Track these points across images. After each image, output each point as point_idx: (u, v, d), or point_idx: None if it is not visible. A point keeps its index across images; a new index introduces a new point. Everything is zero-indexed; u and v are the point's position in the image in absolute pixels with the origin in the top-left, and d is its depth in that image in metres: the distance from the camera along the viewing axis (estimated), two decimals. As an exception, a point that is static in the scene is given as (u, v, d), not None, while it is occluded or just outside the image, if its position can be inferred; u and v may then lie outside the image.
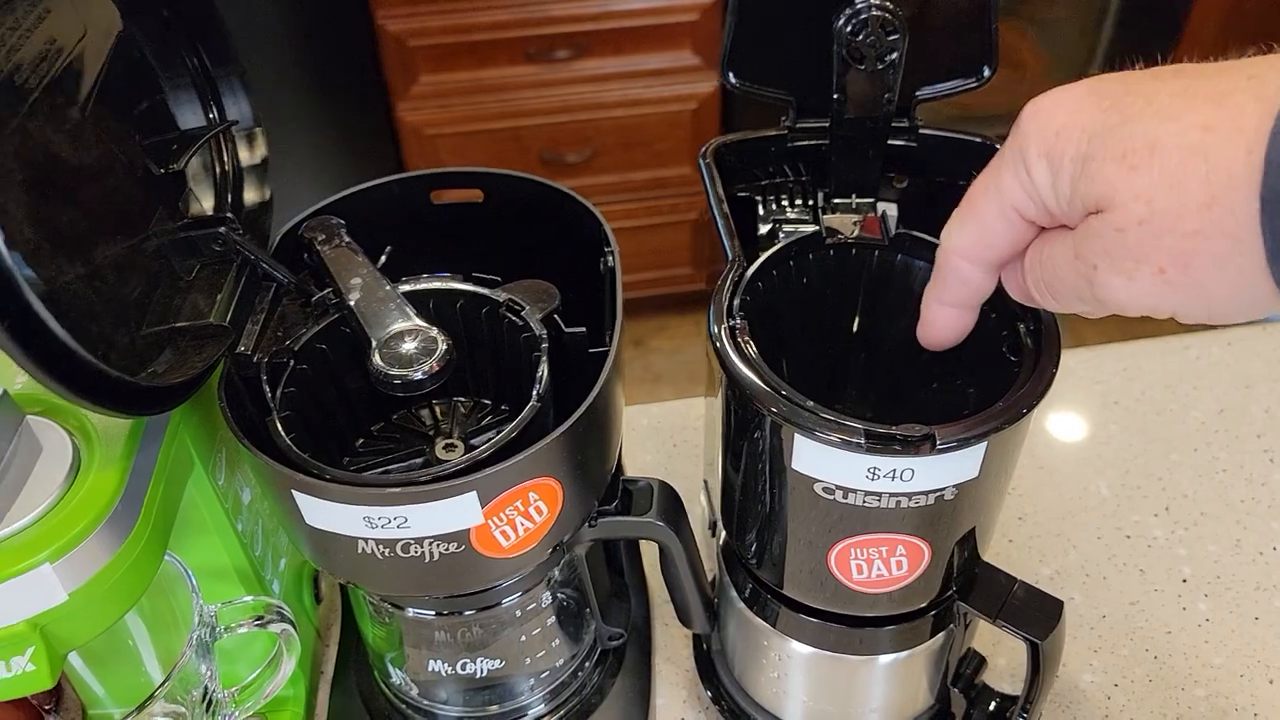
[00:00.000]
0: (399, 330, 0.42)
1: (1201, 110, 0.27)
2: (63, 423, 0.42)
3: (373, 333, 0.42)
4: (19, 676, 0.39)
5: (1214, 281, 0.28)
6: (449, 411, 0.52)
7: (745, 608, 0.51)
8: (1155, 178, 0.28)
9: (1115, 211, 0.29)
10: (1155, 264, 0.28)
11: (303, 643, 0.54)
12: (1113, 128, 0.29)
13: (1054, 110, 0.31)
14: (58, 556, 0.38)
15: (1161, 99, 0.28)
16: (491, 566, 0.43)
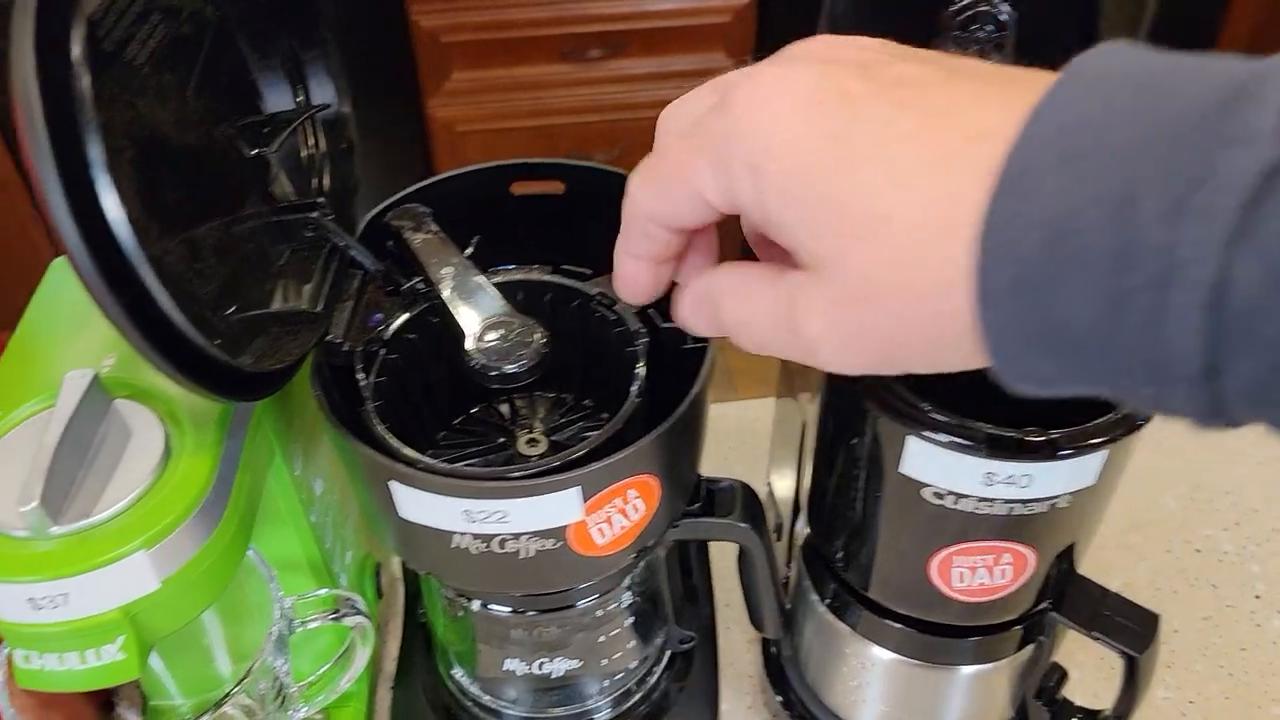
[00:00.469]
0: (495, 321, 0.41)
1: (931, 179, 0.24)
2: (151, 407, 0.41)
3: (467, 324, 0.41)
4: (108, 666, 0.38)
5: (932, 359, 0.26)
6: (530, 405, 0.51)
7: (826, 611, 0.50)
8: (882, 253, 0.25)
9: (836, 284, 0.26)
10: (876, 343, 0.26)
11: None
12: (836, 174, 0.25)
13: (770, 115, 0.26)
14: (152, 544, 0.37)
15: (890, 145, 0.25)
16: (584, 565, 0.42)
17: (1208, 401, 0.22)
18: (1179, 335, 0.21)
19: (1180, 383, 0.21)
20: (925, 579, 0.43)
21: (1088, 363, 0.23)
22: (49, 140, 0.29)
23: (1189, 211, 0.20)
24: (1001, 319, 0.23)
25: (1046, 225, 0.22)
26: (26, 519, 0.36)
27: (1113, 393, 0.24)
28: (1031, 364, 0.24)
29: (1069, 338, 0.22)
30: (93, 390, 0.39)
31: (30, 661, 0.38)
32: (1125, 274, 0.21)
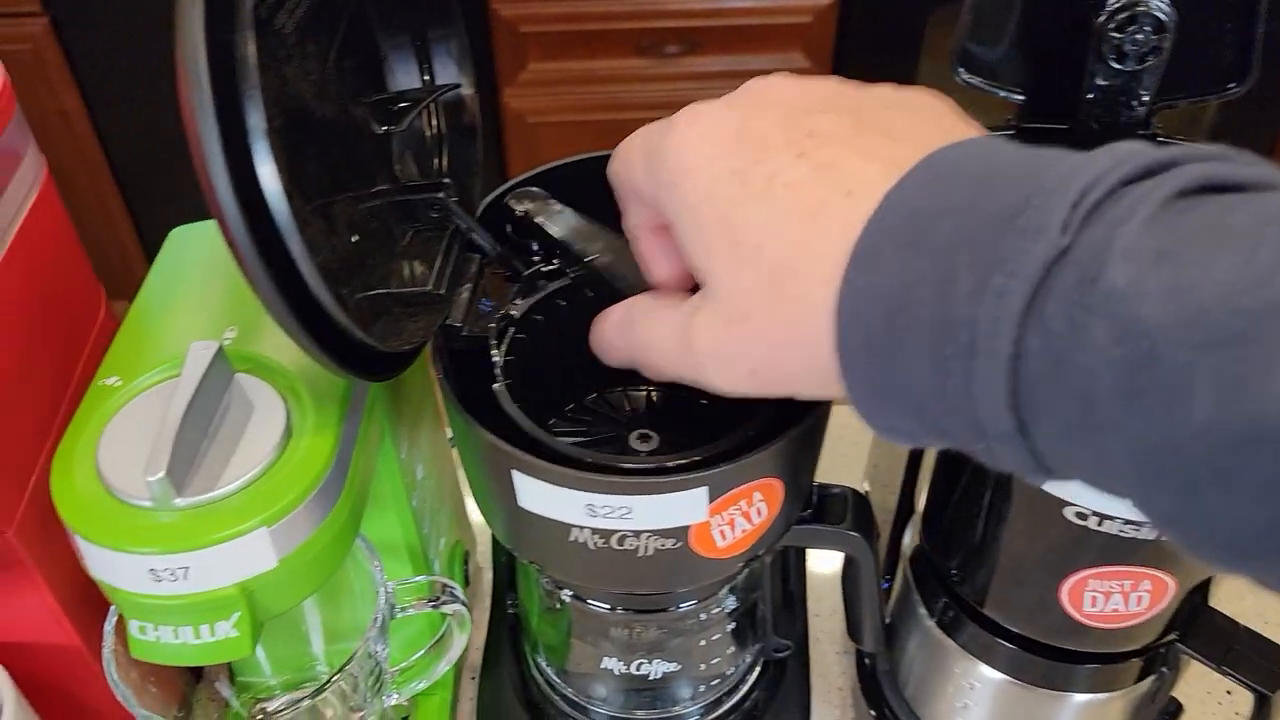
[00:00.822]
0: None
1: (801, 225, 0.28)
2: (273, 383, 0.41)
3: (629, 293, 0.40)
4: (221, 642, 0.38)
5: (800, 387, 0.30)
6: (643, 396, 0.50)
7: (935, 627, 0.49)
8: (757, 279, 0.29)
9: (722, 303, 0.30)
10: (750, 364, 0.30)
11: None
12: (732, 204, 0.29)
13: (696, 144, 0.31)
14: (273, 521, 0.37)
15: (777, 187, 0.28)
16: (701, 567, 0.41)
17: (1028, 457, 0.25)
18: (986, 397, 0.24)
19: (1000, 439, 0.24)
20: (1054, 602, 0.41)
21: (929, 418, 0.26)
22: (213, 106, 0.29)
23: (988, 290, 0.23)
24: (857, 374, 0.27)
25: (887, 298, 0.25)
26: (152, 490, 0.36)
27: (960, 448, 0.26)
28: (889, 417, 0.27)
29: (911, 397, 0.26)
30: (217, 362, 0.39)
31: (146, 633, 0.38)
32: (943, 343, 0.24)
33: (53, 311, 0.47)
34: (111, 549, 0.36)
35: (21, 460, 0.43)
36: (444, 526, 0.57)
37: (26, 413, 0.44)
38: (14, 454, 0.43)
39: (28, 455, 0.44)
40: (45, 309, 0.46)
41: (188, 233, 0.48)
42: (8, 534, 0.42)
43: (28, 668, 0.46)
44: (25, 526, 0.43)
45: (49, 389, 0.46)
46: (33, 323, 0.44)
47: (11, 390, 0.42)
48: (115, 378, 0.41)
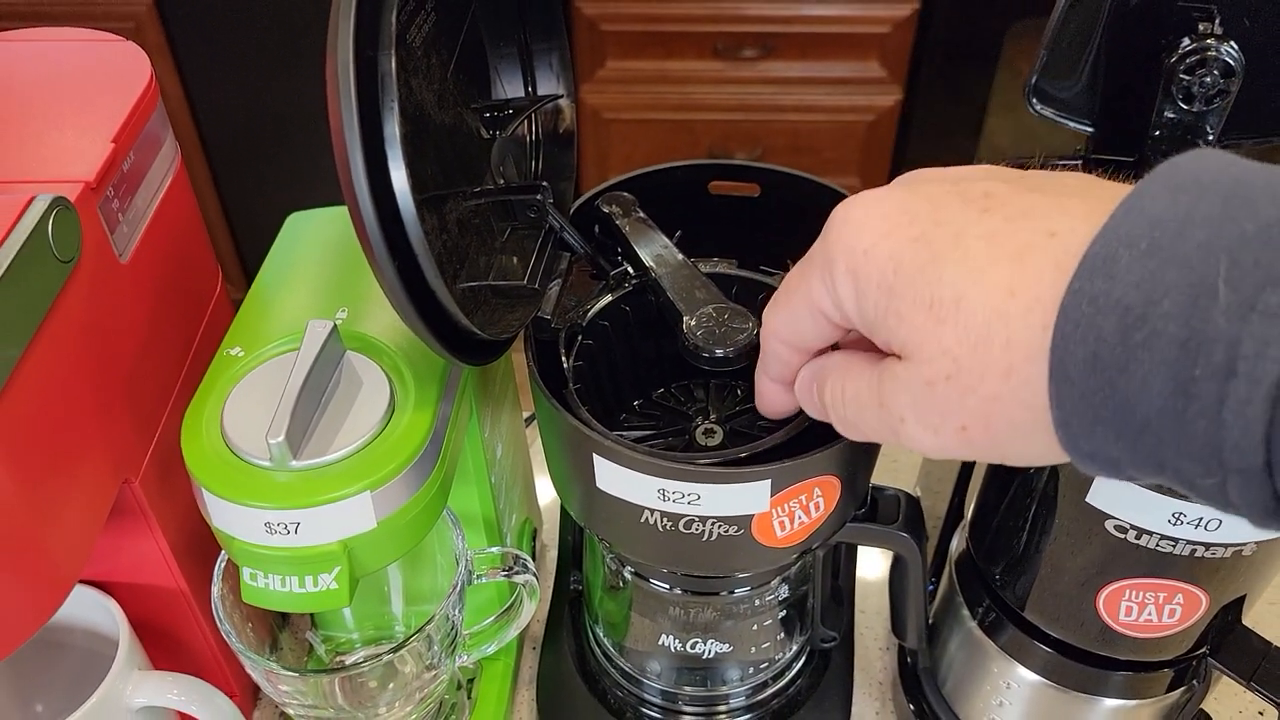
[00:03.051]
0: (710, 306, 0.44)
1: (1005, 269, 0.26)
2: (379, 362, 0.45)
3: (683, 306, 0.44)
4: (323, 593, 0.42)
5: (1011, 441, 0.28)
6: (708, 393, 0.53)
7: (976, 628, 0.51)
8: (961, 334, 0.27)
9: (922, 365, 0.28)
10: (959, 421, 0.28)
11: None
12: (921, 266, 0.28)
13: (863, 225, 0.30)
14: (376, 486, 0.41)
15: (969, 241, 0.27)
16: (759, 554, 0.44)
17: (1267, 497, 0.22)
18: (1239, 426, 0.22)
19: (1239, 474, 0.22)
20: (1091, 609, 0.44)
21: (1152, 446, 0.24)
22: (358, 115, 0.32)
23: (1257, 309, 0.21)
24: (1073, 395, 0.25)
25: (1126, 309, 0.23)
26: (273, 451, 0.40)
27: (1177, 481, 0.25)
28: (1098, 443, 0.25)
29: (1135, 418, 0.24)
30: (331, 339, 0.43)
31: (256, 580, 0.42)
32: (1192, 362, 0.22)
33: (180, 285, 0.51)
34: (233, 502, 0.40)
35: (148, 418, 0.48)
36: (516, 504, 0.61)
37: (154, 376, 0.48)
38: (142, 412, 0.47)
39: (153, 414, 0.48)
40: (174, 283, 0.51)
41: (303, 218, 0.53)
42: (134, 483, 0.46)
43: (137, 608, 0.51)
44: (148, 478, 0.47)
45: (174, 355, 0.50)
46: (164, 295, 0.49)
47: (143, 355, 0.47)
48: (239, 348, 0.45)
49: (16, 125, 0.45)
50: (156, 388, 0.49)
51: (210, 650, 0.55)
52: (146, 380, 0.48)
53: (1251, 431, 0.22)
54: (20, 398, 0.38)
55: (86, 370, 0.43)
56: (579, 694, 0.57)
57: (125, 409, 0.46)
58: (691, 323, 0.44)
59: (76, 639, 0.51)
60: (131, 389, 0.46)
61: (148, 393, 0.48)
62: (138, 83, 0.48)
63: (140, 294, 0.47)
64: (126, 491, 0.47)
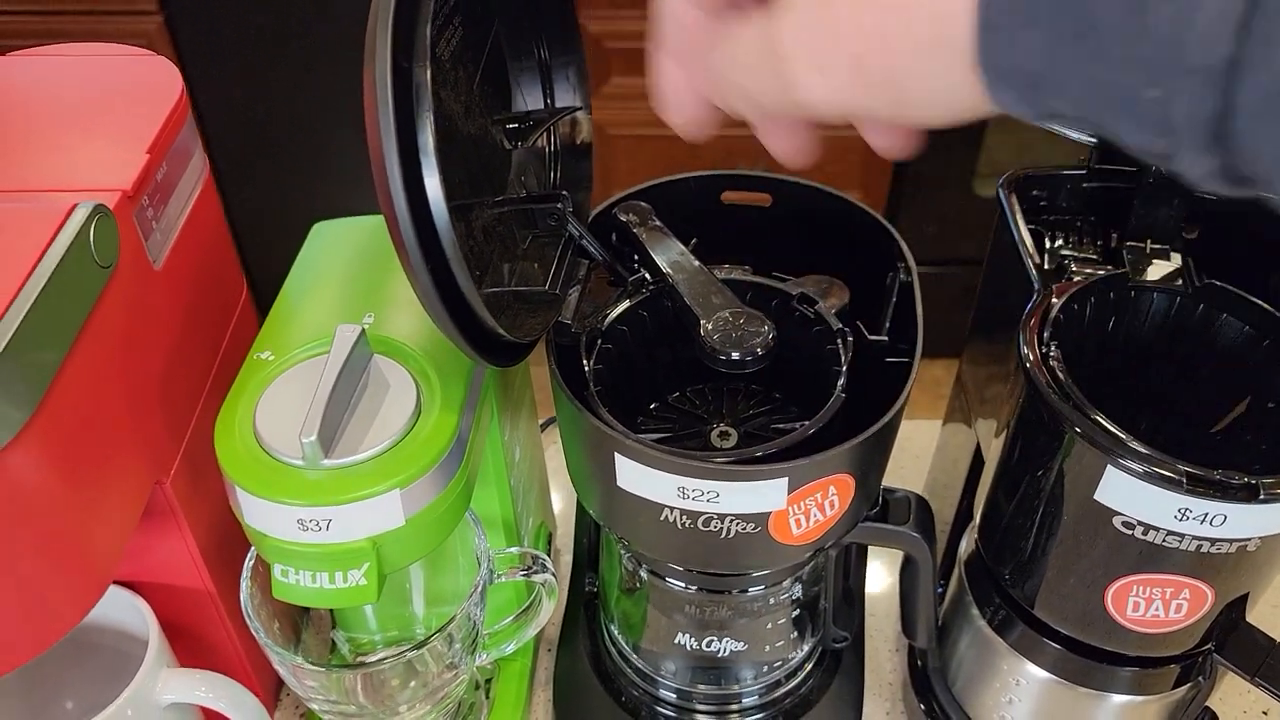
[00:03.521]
0: (726, 311, 0.45)
1: None
2: (405, 366, 0.46)
3: (700, 310, 0.45)
4: (351, 589, 0.43)
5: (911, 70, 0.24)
6: (724, 396, 0.54)
7: (986, 626, 0.52)
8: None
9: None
10: (853, 47, 0.24)
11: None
12: None
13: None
14: (405, 485, 0.42)
15: None
16: (776, 552, 0.45)
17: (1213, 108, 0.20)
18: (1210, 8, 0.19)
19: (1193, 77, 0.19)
20: (1099, 605, 0.45)
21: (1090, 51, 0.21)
22: (395, 126, 0.34)
23: None
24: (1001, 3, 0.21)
25: None
26: (305, 450, 0.41)
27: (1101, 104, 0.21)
28: (1022, 53, 0.22)
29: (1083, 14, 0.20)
30: (360, 343, 0.44)
31: (287, 577, 0.43)
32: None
33: (208, 292, 0.53)
34: (266, 499, 0.41)
35: (179, 421, 0.49)
36: (532, 508, 0.62)
37: (184, 380, 0.50)
38: (174, 415, 0.49)
39: (184, 417, 0.50)
40: (203, 289, 0.52)
41: (327, 227, 0.54)
42: (165, 484, 0.48)
43: (166, 609, 0.52)
44: (179, 479, 0.48)
45: (203, 360, 0.52)
46: (194, 301, 0.50)
47: (175, 359, 0.48)
48: (268, 352, 0.47)
49: (54, 137, 0.47)
50: (187, 392, 0.50)
51: (235, 651, 0.56)
52: (178, 384, 0.49)
53: (1226, 17, 0.19)
54: (63, 400, 0.39)
55: (122, 374, 0.44)
56: (595, 693, 0.58)
57: (158, 412, 0.47)
58: (709, 326, 0.45)
59: (107, 639, 0.52)
60: (164, 393, 0.47)
61: (179, 396, 0.49)
62: (170, 95, 0.49)
63: (172, 300, 0.48)
64: (158, 492, 0.48)
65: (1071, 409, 0.41)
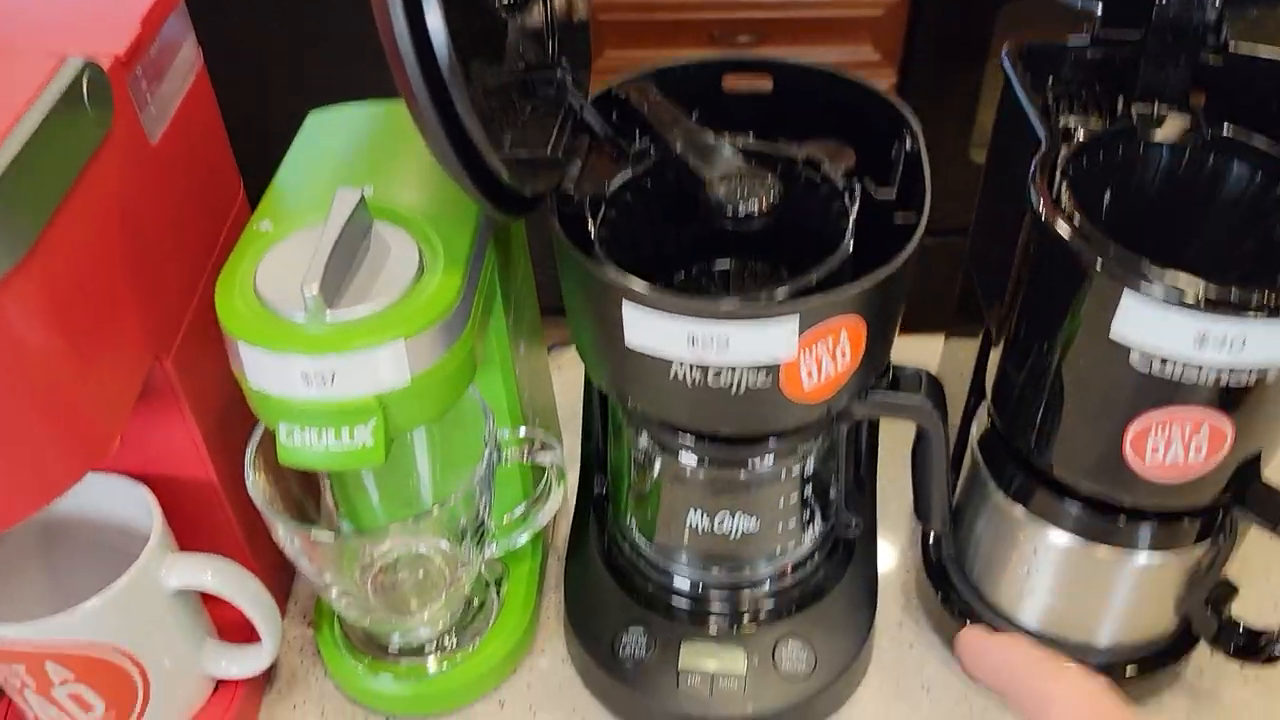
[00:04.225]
0: (729, 170, 0.44)
1: None
2: (407, 230, 0.45)
3: (704, 171, 0.45)
4: (358, 449, 0.43)
5: None
6: (731, 275, 0.53)
7: (1003, 499, 0.52)
8: None
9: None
10: None
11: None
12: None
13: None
14: (410, 336, 0.41)
15: None
16: (788, 409, 0.44)
17: None
18: None
19: None
20: (1118, 455, 0.44)
21: None
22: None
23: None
24: None
25: None
26: (308, 302, 0.40)
27: None
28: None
29: None
30: (360, 207, 0.44)
31: (293, 438, 0.43)
32: None
33: (204, 182, 0.52)
34: (269, 350, 0.41)
35: (177, 302, 0.48)
36: (538, 412, 0.61)
37: (182, 263, 0.49)
38: (172, 295, 0.48)
39: (182, 299, 0.49)
40: (199, 178, 0.51)
41: (323, 113, 0.53)
42: (166, 362, 0.47)
43: (169, 501, 0.51)
44: (179, 359, 0.48)
45: (199, 248, 0.51)
46: (190, 186, 0.50)
47: (172, 240, 0.48)
48: (267, 222, 0.46)
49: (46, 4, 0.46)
50: (185, 275, 0.49)
51: (241, 549, 0.55)
52: (175, 265, 0.48)
53: None
54: (59, 249, 0.38)
55: (120, 241, 0.43)
56: (609, 589, 0.57)
57: (155, 288, 0.46)
58: (714, 183, 0.44)
59: (112, 537, 0.51)
60: (162, 270, 0.47)
61: (177, 277, 0.49)
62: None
63: (168, 178, 0.48)
64: (158, 371, 0.47)
65: (1084, 241, 0.41)
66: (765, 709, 0.53)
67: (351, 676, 0.56)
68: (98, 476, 0.51)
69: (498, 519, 0.55)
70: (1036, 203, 0.43)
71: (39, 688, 0.48)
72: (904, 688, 0.57)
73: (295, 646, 0.60)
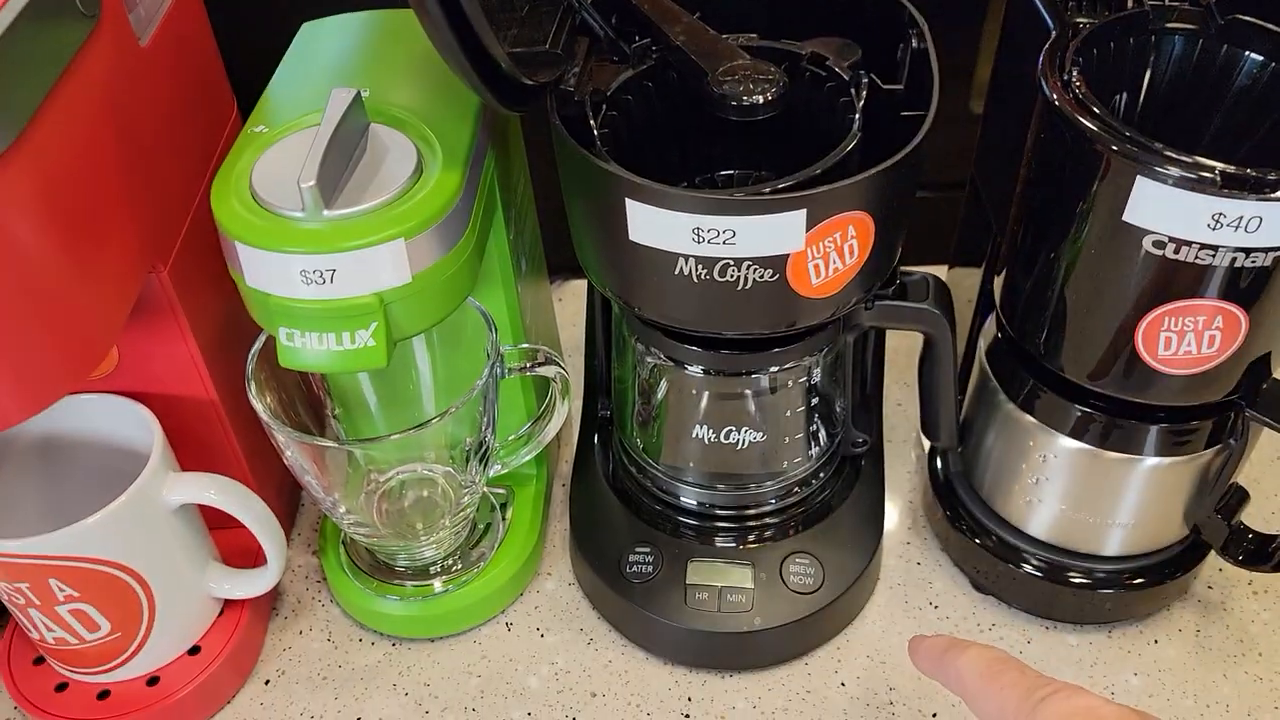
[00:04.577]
0: (732, 64, 0.44)
1: None
2: (403, 131, 0.45)
3: (707, 64, 0.44)
4: (359, 350, 0.42)
5: None
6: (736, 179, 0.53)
7: (1013, 409, 0.51)
8: None
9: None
10: None
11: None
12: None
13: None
14: (410, 235, 0.41)
15: None
16: (795, 305, 0.44)
17: None
18: None
19: None
20: (1130, 348, 0.44)
21: None
22: None
23: None
24: None
25: None
26: (305, 198, 0.40)
27: None
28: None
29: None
30: (355, 105, 0.43)
31: (293, 340, 0.42)
32: None
33: (196, 93, 0.51)
34: (267, 250, 0.40)
35: (172, 212, 0.48)
36: (541, 334, 0.60)
37: (175, 172, 0.48)
38: (166, 204, 0.47)
39: (178, 211, 0.48)
40: (191, 88, 0.50)
41: (316, 25, 0.52)
42: (163, 272, 0.46)
43: (169, 421, 0.50)
44: (176, 270, 0.47)
45: (193, 160, 0.50)
46: (182, 94, 0.49)
47: (164, 147, 0.47)
48: (262, 126, 0.45)
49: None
50: (181, 183, 0.49)
51: (243, 471, 0.55)
52: (170, 172, 0.48)
53: None
54: (48, 142, 0.38)
55: (110, 141, 0.42)
56: (615, 510, 0.57)
57: (148, 195, 0.45)
58: (718, 76, 0.43)
59: (115, 460, 0.50)
60: (155, 176, 0.46)
61: (172, 185, 0.48)
62: (148, -122, 0.47)
63: (159, 82, 0.47)
64: (155, 283, 0.46)
65: (1097, 125, 0.40)
66: (773, 623, 0.53)
67: (358, 599, 0.56)
68: (97, 397, 0.50)
69: (502, 439, 0.55)
70: (1048, 91, 0.42)
71: (44, 605, 0.47)
72: (911, 604, 0.57)
73: (300, 574, 0.60)
